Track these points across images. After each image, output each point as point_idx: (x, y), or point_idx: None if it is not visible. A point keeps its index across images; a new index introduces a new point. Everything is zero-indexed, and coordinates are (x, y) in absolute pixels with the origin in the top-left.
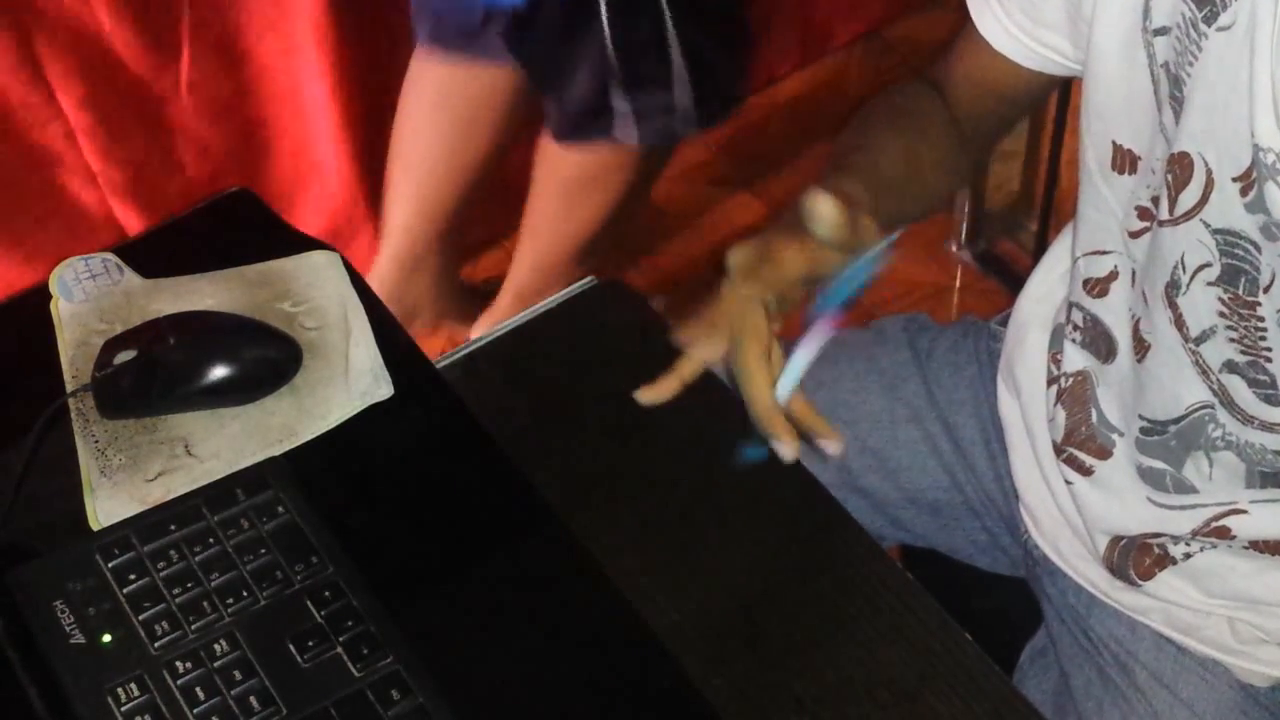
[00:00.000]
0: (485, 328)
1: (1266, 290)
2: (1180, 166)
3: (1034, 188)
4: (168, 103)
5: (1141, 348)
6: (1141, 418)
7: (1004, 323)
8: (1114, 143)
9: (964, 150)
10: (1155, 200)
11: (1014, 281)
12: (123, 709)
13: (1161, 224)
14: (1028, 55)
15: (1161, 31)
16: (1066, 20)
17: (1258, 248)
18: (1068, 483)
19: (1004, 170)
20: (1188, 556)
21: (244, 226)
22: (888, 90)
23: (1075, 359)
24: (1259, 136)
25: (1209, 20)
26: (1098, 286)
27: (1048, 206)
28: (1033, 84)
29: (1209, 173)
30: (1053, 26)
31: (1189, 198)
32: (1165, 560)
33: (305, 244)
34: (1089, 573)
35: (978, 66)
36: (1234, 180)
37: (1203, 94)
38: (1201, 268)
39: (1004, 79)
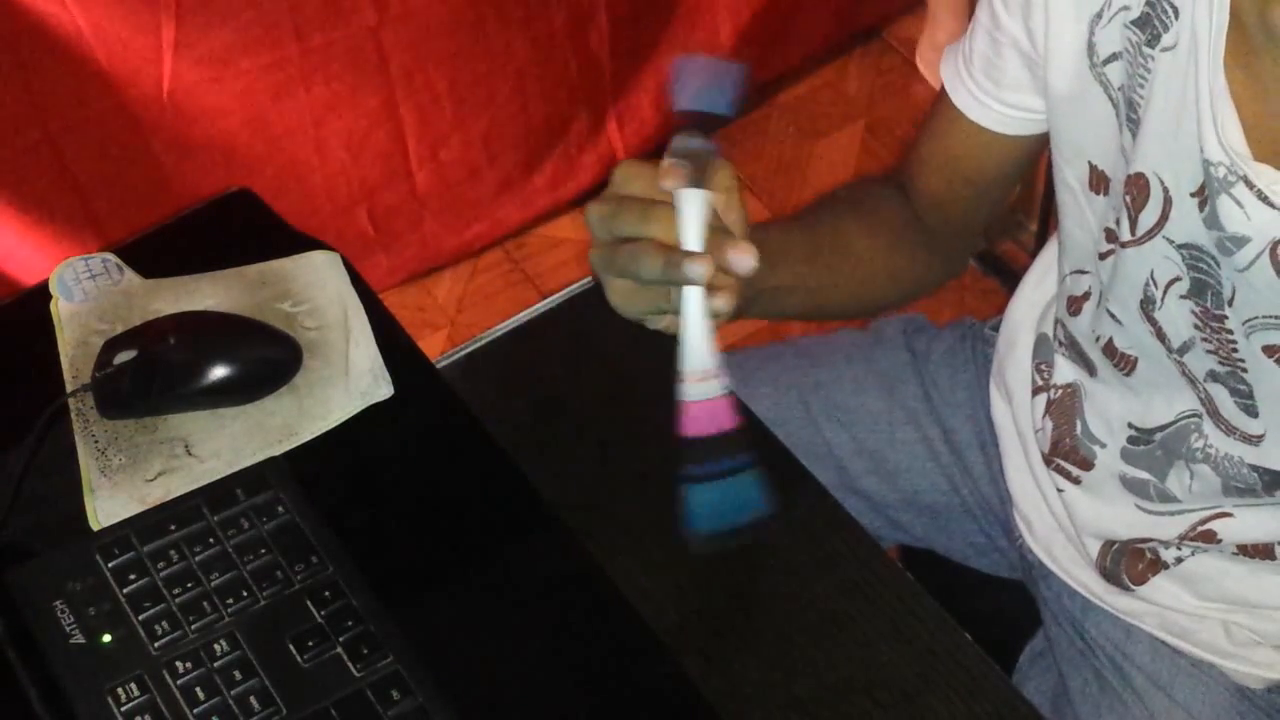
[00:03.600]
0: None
1: (1230, 303)
2: (1137, 188)
3: (1034, 188)
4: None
5: (1126, 362)
6: (1131, 426)
7: (998, 327)
8: (1090, 163)
9: (923, 246)
10: (1118, 222)
11: (1014, 281)
12: (123, 709)
13: (1124, 245)
14: (997, 119)
15: (1113, 58)
16: (1028, 75)
17: (1217, 262)
18: (1059, 490)
19: None
20: (1179, 561)
21: (244, 226)
22: (847, 184)
23: (1066, 371)
24: (1208, 152)
25: (1152, 43)
26: (1074, 305)
27: (1048, 206)
28: (1006, 154)
29: (1165, 191)
30: (1016, 86)
31: (1148, 217)
32: (1157, 565)
33: (305, 244)
34: (1083, 577)
35: (951, 146)
36: (1191, 196)
37: (1154, 114)
38: (1173, 282)
39: (977, 153)
